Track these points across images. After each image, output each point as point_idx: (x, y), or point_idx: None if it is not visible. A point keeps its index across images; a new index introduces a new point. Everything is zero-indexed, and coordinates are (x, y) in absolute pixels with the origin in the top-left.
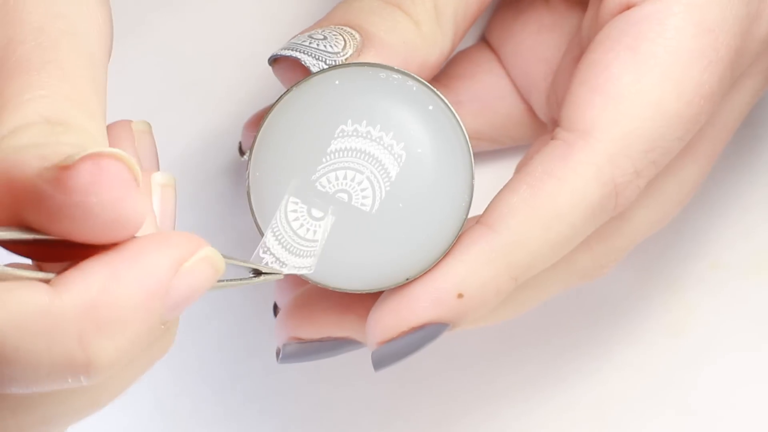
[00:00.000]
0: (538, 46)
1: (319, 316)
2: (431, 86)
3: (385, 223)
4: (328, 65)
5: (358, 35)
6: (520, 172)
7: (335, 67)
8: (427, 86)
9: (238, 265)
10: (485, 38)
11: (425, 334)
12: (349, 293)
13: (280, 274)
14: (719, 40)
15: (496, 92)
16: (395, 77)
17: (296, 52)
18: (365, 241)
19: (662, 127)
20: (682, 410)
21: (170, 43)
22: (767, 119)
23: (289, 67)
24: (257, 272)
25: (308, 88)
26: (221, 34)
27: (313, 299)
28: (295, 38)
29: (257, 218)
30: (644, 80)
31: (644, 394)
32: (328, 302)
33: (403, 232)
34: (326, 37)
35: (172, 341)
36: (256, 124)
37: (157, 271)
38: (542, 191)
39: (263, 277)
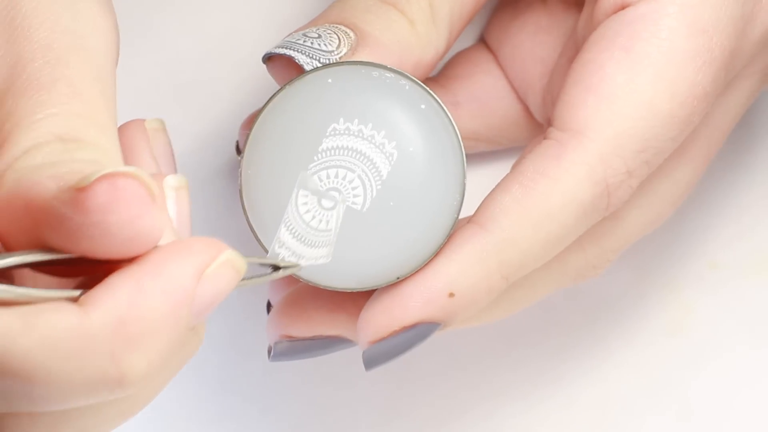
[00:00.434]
0: (535, 47)
1: (310, 314)
2: (424, 85)
3: (376, 221)
4: (321, 64)
5: (352, 34)
6: (512, 171)
7: (329, 65)
8: (419, 85)
9: (256, 263)
10: (484, 39)
11: (416, 333)
12: (340, 292)
13: (297, 266)
14: (713, 40)
15: (493, 93)
16: (388, 76)
17: (290, 50)
18: (356, 239)
19: (655, 127)
20: (680, 410)
21: (169, 43)
22: (765, 119)
23: (282, 65)
24: (275, 267)
25: (301, 86)
26: (219, 34)
27: (304, 297)
28: (289, 36)
29: (249, 216)
30: (638, 80)
31: (642, 393)
32: (319, 300)
33: (394, 230)
34: (321, 35)
35: (201, 341)
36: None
37: (181, 280)
38: (534, 191)
39: (282, 271)
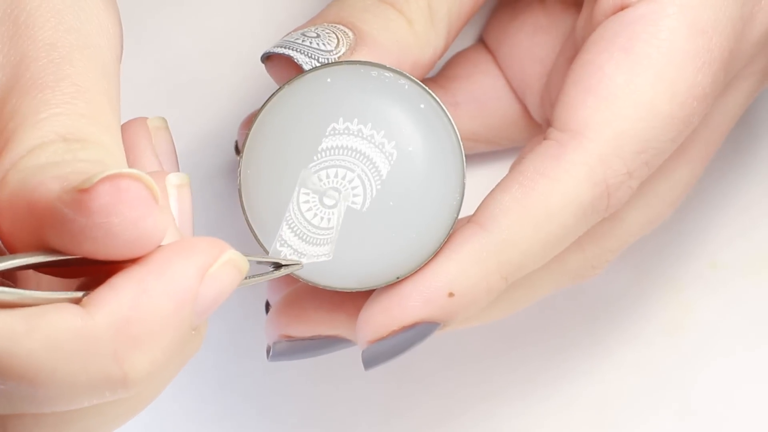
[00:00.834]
0: (533, 47)
1: (309, 314)
2: (423, 85)
3: (375, 221)
4: (320, 63)
5: (351, 33)
6: (512, 171)
7: (328, 65)
8: (419, 85)
9: (258, 261)
10: (483, 39)
11: (416, 333)
12: (339, 292)
13: (299, 264)
14: (713, 41)
15: (492, 93)
16: (387, 75)
17: (289, 49)
18: (356, 239)
19: (655, 128)
20: (680, 409)
21: (168, 42)
22: (765, 118)
23: (281, 64)
24: (277, 265)
25: (300, 86)
26: (218, 33)
27: (303, 297)
28: (288, 36)
29: (248, 215)
30: (637, 81)
31: (642, 393)
32: (318, 300)
33: (394, 230)
34: (319, 35)
35: (202, 340)
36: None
37: (184, 280)
38: (534, 191)
39: (284, 269)
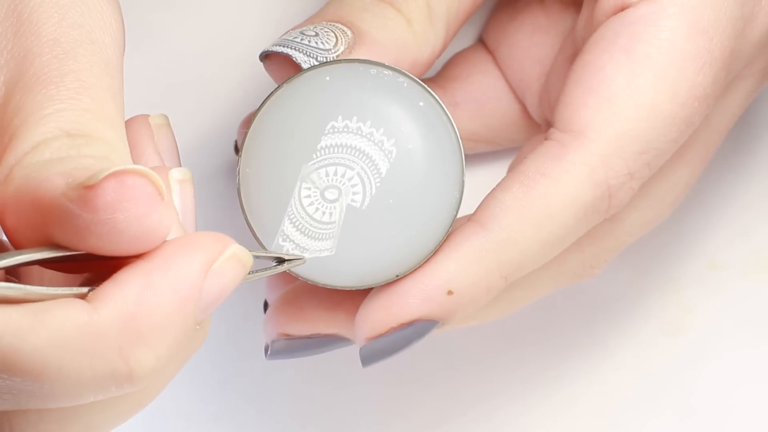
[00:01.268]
0: (532, 47)
1: (308, 312)
2: (422, 83)
3: (375, 219)
4: (319, 62)
5: (349, 32)
6: (513, 171)
7: (326, 63)
8: (418, 83)
9: (261, 256)
10: (482, 39)
11: (414, 330)
12: (338, 290)
13: (302, 259)
14: (714, 41)
15: (492, 94)
16: (386, 74)
17: (287, 48)
18: (355, 237)
19: (656, 128)
20: (680, 410)
21: (167, 41)
22: (765, 118)
23: (280, 63)
24: (280, 260)
25: (299, 84)
26: (217, 32)
27: (302, 296)
28: (286, 34)
29: (247, 214)
30: (638, 81)
31: (642, 393)
32: (317, 299)
33: (393, 228)
34: (318, 33)
35: (206, 335)
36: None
37: (188, 275)
38: (535, 190)
39: (286, 264)
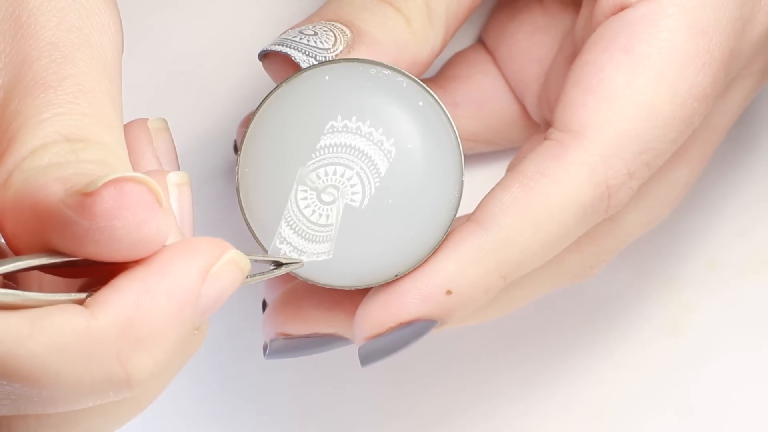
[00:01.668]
0: (531, 47)
1: (306, 312)
2: (421, 82)
3: (374, 219)
4: (318, 61)
5: (348, 31)
6: (512, 170)
7: (325, 63)
8: (417, 82)
9: (259, 260)
10: (482, 39)
11: (413, 330)
12: (337, 289)
13: (300, 262)
14: (713, 41)
15: (491, 94)
16: (385, 73)
17: (286, 47)
18: (354, 237)
19: (656, 128)
20: (680, 410)
21: (166, 42)
22: (765, 118)
23: (279, 62)
24: (278, 264)
25: (298, 83)
26: (217, 32)
27: (301, 295)
28: (285, 33)
29: (246, 214)
30: (638, 81)
31: (642, 393)
32: (316, 298)
33: (392, 228)
34: (317, 32)
35: (204, 338)
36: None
37: (186, 280)
38: (534, 190)
39: (284, 267)
